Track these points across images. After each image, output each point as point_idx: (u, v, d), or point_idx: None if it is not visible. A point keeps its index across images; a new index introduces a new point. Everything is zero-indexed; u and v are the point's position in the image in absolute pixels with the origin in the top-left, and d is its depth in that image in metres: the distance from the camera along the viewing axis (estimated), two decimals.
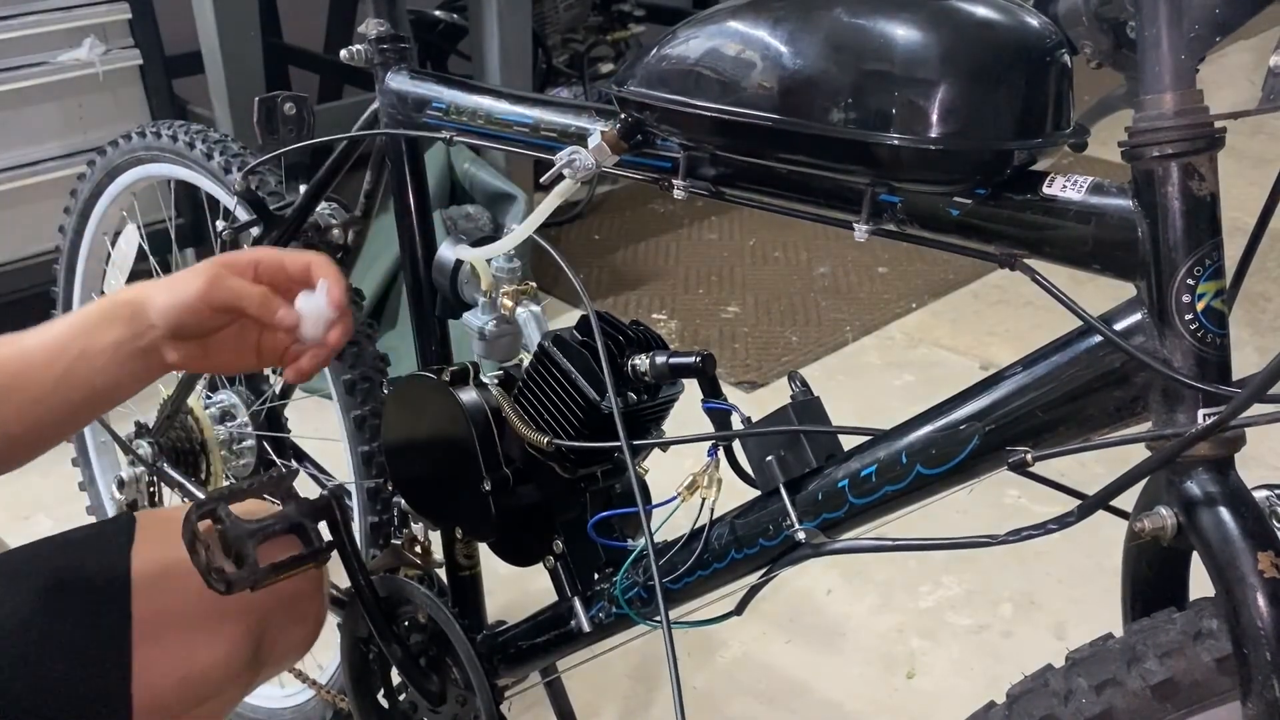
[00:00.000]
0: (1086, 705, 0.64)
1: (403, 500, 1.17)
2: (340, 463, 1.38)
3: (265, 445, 1.45)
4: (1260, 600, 0.60)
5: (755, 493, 0.88)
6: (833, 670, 1.65)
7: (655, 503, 0.93)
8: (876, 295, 2.70)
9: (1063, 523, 0.67)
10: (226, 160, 1.37)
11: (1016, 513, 1.87)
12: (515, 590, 1.68)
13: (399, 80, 1.14)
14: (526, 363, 0.99)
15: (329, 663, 1.40)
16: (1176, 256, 0.63)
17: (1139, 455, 0.65)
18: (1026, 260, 0.71)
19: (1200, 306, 0.63)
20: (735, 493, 0.89)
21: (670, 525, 0.93)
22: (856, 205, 0.76)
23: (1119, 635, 0.67)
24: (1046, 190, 0.69)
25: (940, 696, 1.60)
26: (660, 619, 0.80)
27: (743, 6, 0.76)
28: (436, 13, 3.17)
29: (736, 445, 0.88)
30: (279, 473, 0.97)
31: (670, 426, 1.00)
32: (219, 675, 0.93)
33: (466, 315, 1.08)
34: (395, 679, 1.19)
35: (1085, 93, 0.66)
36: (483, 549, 1.18)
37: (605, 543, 1.02)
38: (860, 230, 0.76)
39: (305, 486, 1.08)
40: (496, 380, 1.03)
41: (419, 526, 1.22)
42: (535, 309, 1.04)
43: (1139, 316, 0.66)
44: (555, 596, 1.07)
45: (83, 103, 2.37)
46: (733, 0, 0.77)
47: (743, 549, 0.88)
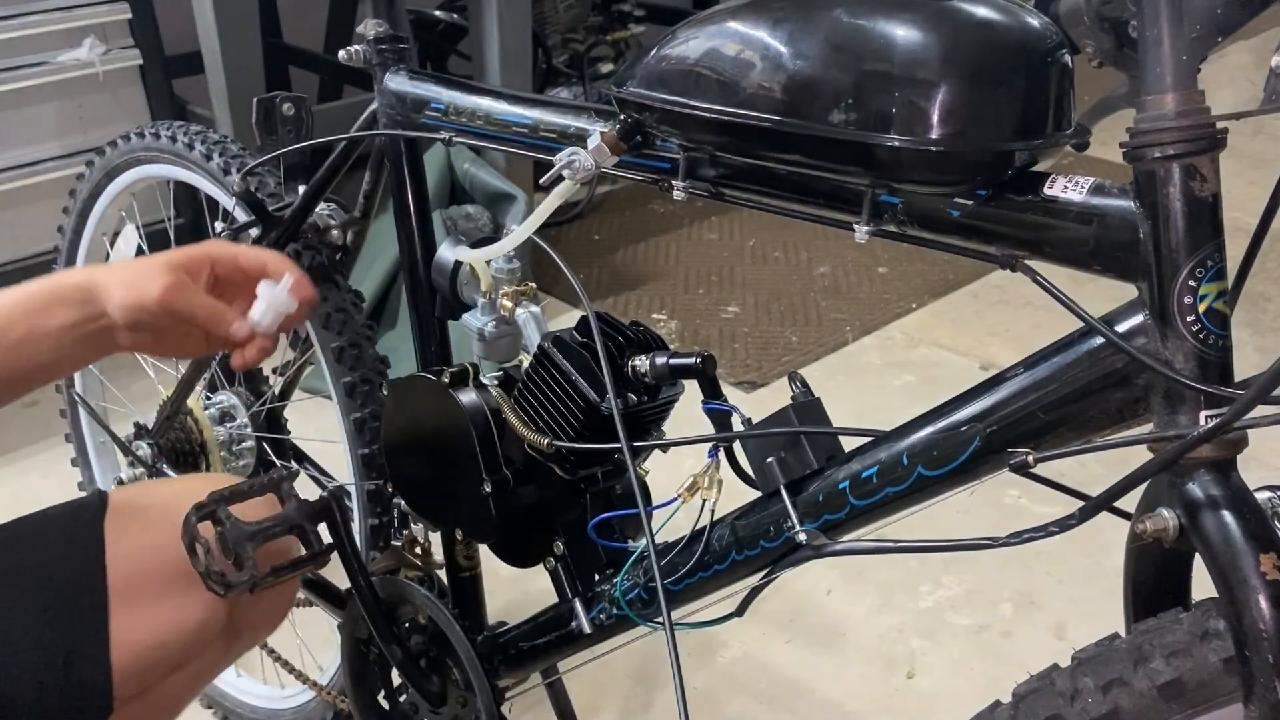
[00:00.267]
0: (1093, 705, 0.64)
1: (403, 502, 1.17)
2: (340, 464, 1.38)
3: (265, 446, 1.45)
4: (1262, 602, 0.59)
5: (756, 494, 0.88)
6: (833, 670, 1.65)
7: (656, 504, 0.93)
8: (876, 295, 2.70)
9: (1064, 525, 0.67)
10: (226, 161, 1.37)
11: (1017, 513, 1.87)
12: (516, 591, 1.68)
13: (398, 81, 1.14)
14: (526, 364, 0.98)
15: (329, 663, 1.40)
16: (1178, 257, 0.62)
17: (1140, 456, 0.65)
18: (1027, 261, 0.71)
19: (1202, 308, 0.63)
20: (736, 494, 0.89)
21: (671, 526, 0.93)
22: (857, 206, 0.76)
23: (1125, 635, 0.66)
24: (1047, 191, 0.69)
25: (940, 696, 1.60)
26: (661, 620, 0.80)
27: (743, 7, 0.76)
28: (436, 13, 3.17)
29: (737, 446, 0.88)
30: (279, 474, 0.97)
31: (670, 427, 1.00)
32: (196, 638, 0.94)
33: (466, 316, 1.08)
34: (396, 680, 1.19)
35: (1086, 93, 0.66)
36: (483, 550, 1.17)
37: (606, 544, 1.02)
38: (861, 231, 0.76)
39: (305, 488, 1.08)
40: (496, 381, 1.03)
41: (419, 528, 1.22)
42: (535, 310, 1.04)
43: (1140, 318, 0.66)
44: (556, 598, 1.07)
45: (82, 103, 2.37)
46: (733, 0, 0.77)
47: (743, 550, 0.88)
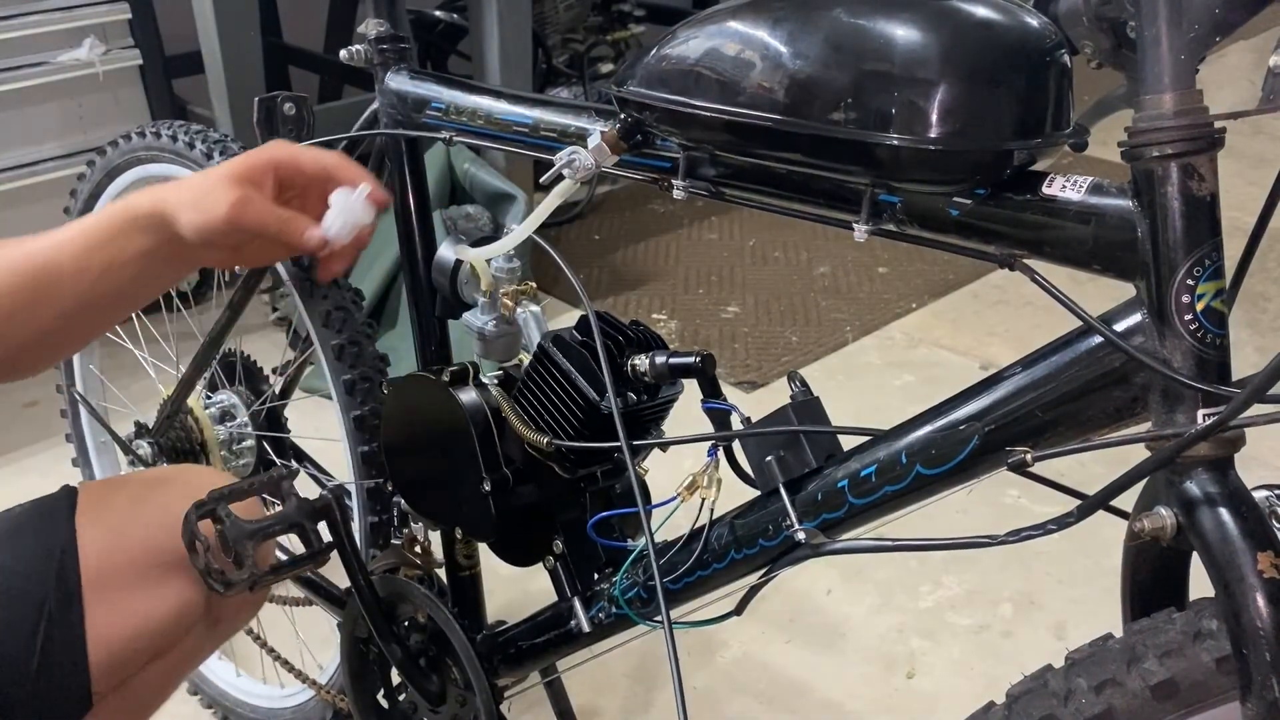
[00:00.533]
0: (1086, 705, 0.64)
1: (403, 500, 1.17)
2: (340, 463, 1.38)
3: (265, 445, 1.45)
4: (1260, 600, 0.60)
5: (755, 493, 0.88)
6: (833, 670, 1.65)
7: (655, 503, 0.93)
8: (876, 295, 2.70)
9: (1062, 523, 0.67)
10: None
11: (1016, 513, 1.87)
12: (515, 590, 1.68)
13: (399, 80, 1.14)
14: (526, 363, 0.99)
15: (329, 662, 1.40)
16: (1176, 257, 0.63)
17: (1138, 455, 0.65)
18: (1026, 260, 0.71)
19: (1200, 307, 0.63)
20: (735, 493, 0.89)
21: (670, 525, 0.93)
22: (856, 205, 0.76)
23: (1119, 635, 0.67)
24: (1046, 190, 0.69)
25: (940, 696, 1.60)
26: (661, 619, 0.80)
27: (742, 6, 0.76)
28: (436, 13, 3.17)
29: (736, 445, 0.88)
30: (278, 473, 0.97)
31: (670, 426, 1.00)
32: (172, 627, 0.94)
33: (466, 315, 1.08)
34: (395, 679, 1.19)
35: (1085, 93, 0.66)
36: (483, 549, 1.18)
37: (605, 543, 1.02)
38: (860, 230, 0.76)
39: (305, 486, 1.08)
40: (496, 380, 1.03)
41: (419, 527, 1.22)
42: (535, 309, 1.04)
43: (1139, 317, 0.66)
44: (555, 596, 1.07)
45: (83, 103, 2.37)
46: (733, 0, 0.77)
47: (742, 549, 0.88)
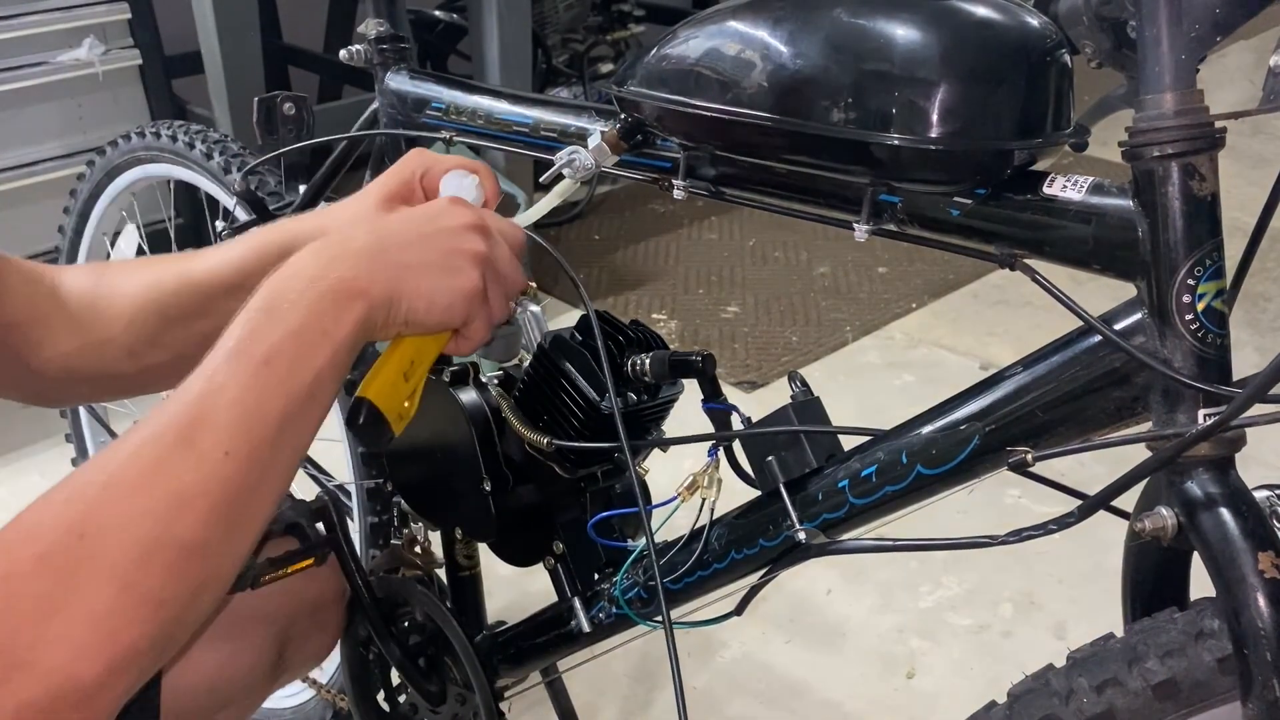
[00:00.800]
0: (1087, 705, 0.64)
1: (402, 500, 1.17)
2: (340, 463, 1.38)
3: None
4: (1260, 600, 0.59)
5: (755, 493, 0.88)
6: (833, 670, 1.65)
7: (655, 503, 0.93)
8: (876, 295, 2.70)
9: (1063, 523, 0.67)
10: (226, 160, 1.37)
11: (1017, 513, 1.87)
12: (515, 591, 1.68)
13: (398, 80, 1.14)
14: (526, 363, 0.98)
15: (329, 663, 1.40)
16: (1177, 257, 0.63)
17: (1139, 455, 0.65)
18: (1026, 260, 0.71)
19: (1200, 307, 0.63)
20: (735, 493, 0.89)
21: (670, 526, 0.93)
22: (856, 205, 0.76)
23: (1120, 635, 0.66)
24: (1046, 190, 0.69)
25: (940, 696, 1.60)
26: (661, 619, 0.80)
27: (742, 6, 0.76)
28: (436, 13, 3.17)
29: (736, 445, 0.88)
30: None
31: (670, 426, 1.00)
32: (244, 682, 0.95)
33: None
34: (395, 679, 1.19)
35: (1085, 93, 0.66)
36: (482, 549, 1.17)
37: (605, 543, 1.02)
38: (860, 230, 0.76)
39: (305, 486, 1.08)
40: (496, 380, 1.03)
41: (418, 527, 1.22)
42: (535, 309, 1.04)
43: (1139, 316, 0.66)
44: (555, 597, 1.07)
45: (82, 103, 2.37)
46: (733, 0, 0.77)
47: (743, 549, 0.88)
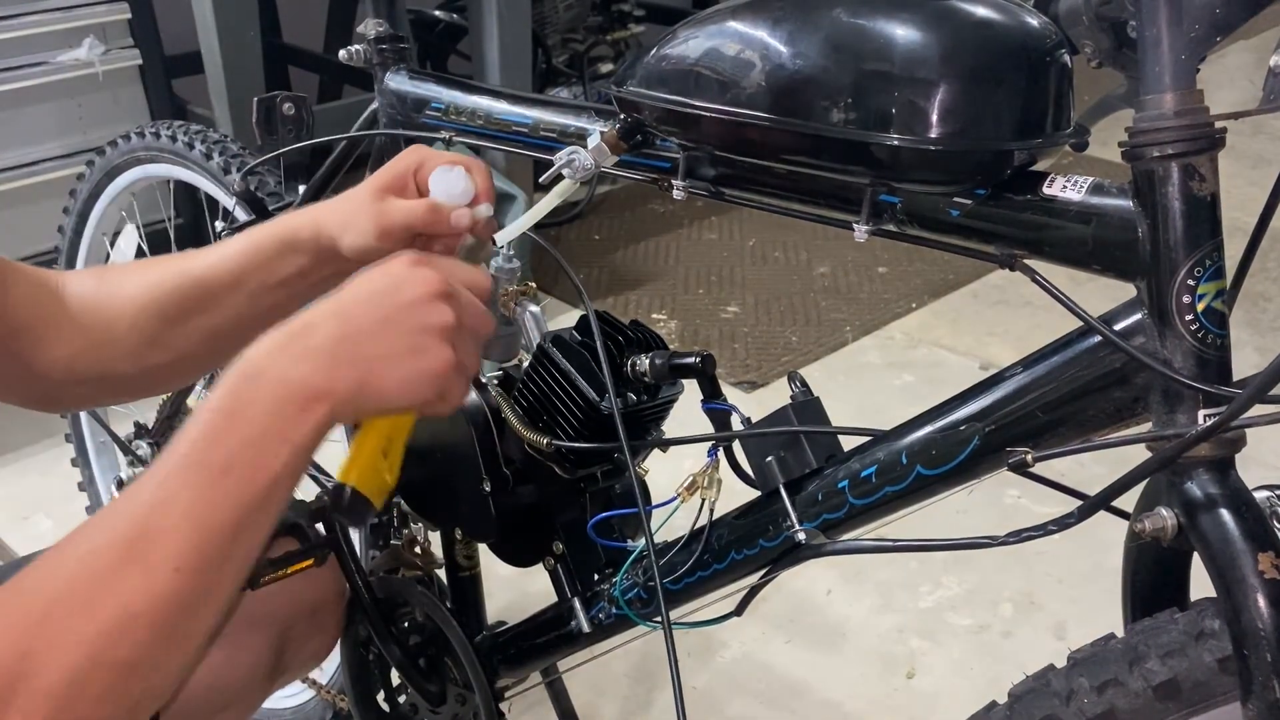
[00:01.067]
0: (1088, 705, 0.64)
1: (402, 501, 1.17)
2: (340, 463, 1.37)
3: None
4: (1260, 601, 0.59)
5: (755, 493, 0.88)
6: (833, 670, 1.65)
7: (655, 503, 0.93)
8: (876, 295, 2.70)
9: (1063, 524, 0.67)
10: (226, 160, 1.37)
11: (1017, 513, 1.87)
12: (515, 591, 1.68)
13: (398, 80, 1.14)
14: (526, 363, 0.98)
15: (329, 663, 1.40)
16: (1177, 257, 0.62)
17: (1139, 456, 0.65)
18: (1026, 260, 0.71)
19: (1200, 307, 0.63)
20: (735, 493, 0.89)
21: (670, 526, 0.93)
22: (856, 205, 0.76)
23: (1120, 636, 0.66)
24: (1046, 190, 0.69)
25: (940, 696, 1.60)
26: (660, 619, 0.80)
27: (742, 6, 0.76)
28: (436, 13, 3.17)
29: (736, 446, 0.88)
30: None
31: (670, 426, 1.00)
32: (243, 682, 0.95)
33: None
34: (395, 679, 1.19)
35: (1085, 93, 0.66)
36: (482, 550, 1.17)
37: (605, 543, 1.02)
38: (860, 230, 0.76)
39: (305, 486, 1.08)
40: (496, 381, 1.03)
41: (418, 527, 1.22)
42: (535, 309, 1.04)
43: (1139, 317, 0.66)
44: (555, 597, 1.07)
45: (82, 103, 2.37)
46: (732, 0, 0.77)
47: (742, 550, 0.88)
